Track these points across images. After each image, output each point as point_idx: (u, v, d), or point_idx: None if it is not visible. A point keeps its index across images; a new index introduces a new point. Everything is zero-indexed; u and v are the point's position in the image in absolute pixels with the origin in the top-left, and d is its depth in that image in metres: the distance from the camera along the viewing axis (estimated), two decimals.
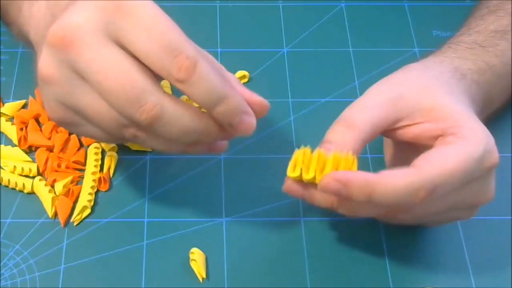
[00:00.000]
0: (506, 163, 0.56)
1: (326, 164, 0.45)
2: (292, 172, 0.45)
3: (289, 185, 0.47)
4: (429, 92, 0.47)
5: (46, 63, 0.42)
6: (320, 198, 0.46)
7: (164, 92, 0.41)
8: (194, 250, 0.50)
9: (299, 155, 0.46)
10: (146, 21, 0.40)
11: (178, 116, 0.41)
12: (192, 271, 0.50)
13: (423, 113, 0.46)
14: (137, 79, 0.40)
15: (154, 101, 0.41)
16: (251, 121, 0.43)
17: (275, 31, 0.66)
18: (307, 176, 0.45)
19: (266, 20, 0.67)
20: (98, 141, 0.46)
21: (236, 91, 0.43)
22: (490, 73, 0.52)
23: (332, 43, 0.65)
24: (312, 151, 0.45)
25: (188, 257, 0.50)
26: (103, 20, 0.41)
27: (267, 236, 0.52)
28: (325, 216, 0.53)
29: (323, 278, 0.50)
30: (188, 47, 0.40)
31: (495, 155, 0.46)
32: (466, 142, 0.45)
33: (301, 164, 0.45)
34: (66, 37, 0.41)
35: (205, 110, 0.43)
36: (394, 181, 0.44)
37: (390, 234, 0.52)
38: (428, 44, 0.55)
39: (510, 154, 0.57)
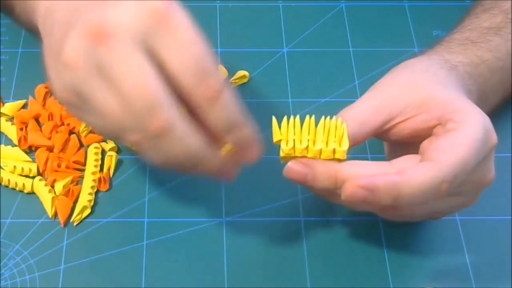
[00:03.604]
0: (506, 163, 0.56)
1: (317, 132, 0.45)
2: (285, 145, 0.45)
3: (290, 166, 0.46)
4: (417, 87, 0.47)
5: (74, 49, 0.42)
6: (322, 176, 0.46)
7: (180, 111, 0.42)
8: None
9: (290, 127, 0.45)
10: (186, 40, 0.41)
11: (185, 137, 0.42)
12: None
13: (414, 107, 0.46)
14: (157, 91, 0.41)
15: (168, 115, 0.41)
16: (256, 155, 0.45)
17: (275, 31, 0.65)
18: (300, 146, 0.44)
19: (266, 20, 0.66)
20: (97, 132, 0.47)
21: (249, 124, 0.44)
22: (483, 67, 0.52)
23: (332, 43, 0.65)
24: (301, 122, 0.45)
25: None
26: (144, 27, 0.41)
27: (267, 236, 0.52)
28: (325, 216, 0.53)
29: (323, 278, 0.50)
30: (218, 73, 0.42)
31: (494, 134, 0.46)
32: (466, 125, 0.45)
33: (293, 135, 0.45)
34: (101, 32, 0.41)
35: None
36: (417, 178, 0.43)
37: (390, 234, 0.52)
38: (428, 44, 0.55)
39: (510, 154, 0.57)
